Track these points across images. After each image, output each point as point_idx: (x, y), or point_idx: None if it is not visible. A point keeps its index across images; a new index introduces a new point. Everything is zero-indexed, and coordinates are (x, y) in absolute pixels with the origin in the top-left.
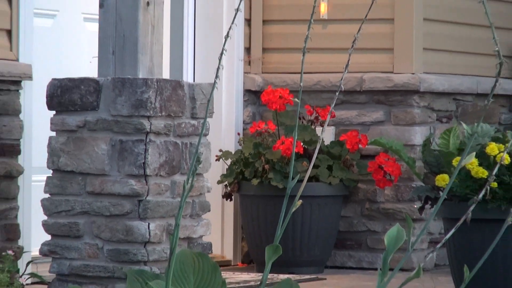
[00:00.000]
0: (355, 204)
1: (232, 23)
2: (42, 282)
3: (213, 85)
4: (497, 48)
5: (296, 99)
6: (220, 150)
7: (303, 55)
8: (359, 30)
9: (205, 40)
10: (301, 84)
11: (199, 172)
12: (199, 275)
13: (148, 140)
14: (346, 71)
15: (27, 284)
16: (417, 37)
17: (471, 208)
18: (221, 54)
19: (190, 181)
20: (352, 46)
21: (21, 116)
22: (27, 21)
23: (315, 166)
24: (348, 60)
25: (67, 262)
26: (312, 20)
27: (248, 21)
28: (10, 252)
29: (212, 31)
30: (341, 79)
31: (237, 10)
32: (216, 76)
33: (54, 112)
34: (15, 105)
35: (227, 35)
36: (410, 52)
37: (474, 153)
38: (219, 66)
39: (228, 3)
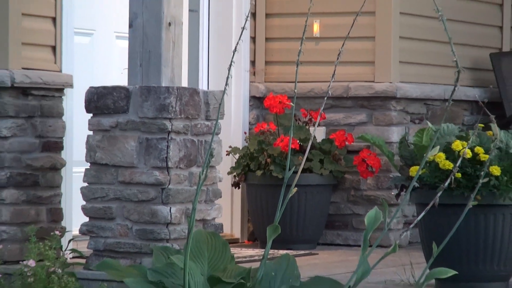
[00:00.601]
0: (342, 191)
1: (239, 39)
2: (81, 256)
3: (223, 92)
4: (455, 59)
5: (292, 104)
6: (230, 147)
7: (297, 66)
8: (342, 45)
9: (217, 54)
10: (295, 90)
11: (212, 165)
12: (212, 250)
13: (169, 138)
14: (333, 79)
15: (69, 258)
16: (394, 52)
17: (439, 194)
18: (230, 65)
19: (204, 172)
20: (337, 58)
21: (63, 118)
22: (68, 39)
23: (308, 160)
24: (334, 71)
25: (102, 240)
26: (304, 38)
27: (253, 39)
28: (57, 232)
29: (223, 46)
30: (329, 87)
31: (243, 28)
32: (226, 84)
33: (91, 114)
34: (58, 109)
35: (235, 49)
36: (388, 65)
37: (438, 146)
38: (228, 75)
39: (236, 23)
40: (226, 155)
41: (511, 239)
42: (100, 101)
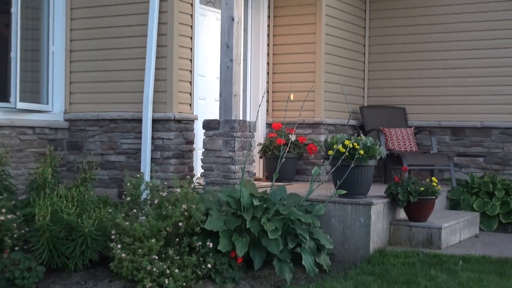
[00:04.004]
0: (302, 160)
1: (259, 105)
2: (200, 185)
3: (255, 121)
4: (349, 110)
5: (283, 126)
6: (259, 143)
7: (286, 111)
8: (303, 104)
9: (254, 107)
10: (284, 121)
11: (251, 150)
12: (251, 185)
13: (235, 139)
14: (299, 116)
15: (195, 186)
16: (322, 106)
17: (340, 161)
18: (258, 112)
19: (247, 154)
20: (301, 108)
21: (194, 131)
22: (196, 101)
23: (288, 148)
24: (300, 113)
25: (208, 179)
26: (288, 102)
27: (267, 101)
28: (189, 176)
29: (257, 104)
30: (297, 120)
31: (262, 98)
32: (256, 118)
33: (204, 130)
34: (192, 128)
35: (259, 106)
36: (320, 111)
37: (338, 142)
38: (257, 115)
39: (260, 96)
40: (257, 146)
41: (367, 179)
42: (208, 125)
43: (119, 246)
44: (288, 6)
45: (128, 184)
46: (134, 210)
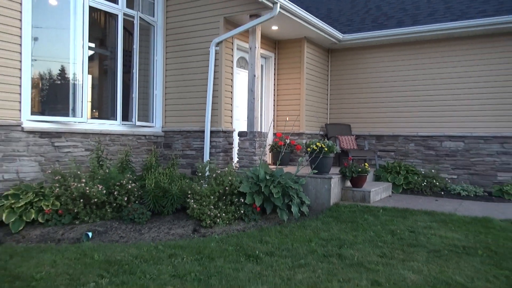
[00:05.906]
0: (293, 153)
1: (270, 123)
2: (236, 167)
3: (267, 132)
4: (320, 124)
5: (282, 135)
6: (269, 144)
7: (285, 126)
8: (294, 122)
9: (267, 123)
10: (284, 132)
11: (265, 148)
12: (265, 167)
13: (256, 141)
14: (292, 129)
15: (233, 168)
16: (304, 124)
17: (314, 154)
18: (270, 127)
19: (262, 150)
20: (293, 125)
21: (233, 137)
22: (234, 121)
23: (285, 147)
24: (292, 128)
25: (241, 164)
26: (286, 122)
27: (273, 121)
28: (232, 163)
29: (268, 123)
30: (290, 131)
31: (271, 123)
32: (269, 130)
33: (239, 137)
34: (232, 136)
35: (270, 125)
36: (303, 126)
37: (313, 143)
38: (269, 128)
39: (271, 119)
40: (268, 145)
41: (329, 164)
42: (241, 134)
43: (192, 201)
44: (285, 68)
45: (200, 166)
46: (202, 181)
